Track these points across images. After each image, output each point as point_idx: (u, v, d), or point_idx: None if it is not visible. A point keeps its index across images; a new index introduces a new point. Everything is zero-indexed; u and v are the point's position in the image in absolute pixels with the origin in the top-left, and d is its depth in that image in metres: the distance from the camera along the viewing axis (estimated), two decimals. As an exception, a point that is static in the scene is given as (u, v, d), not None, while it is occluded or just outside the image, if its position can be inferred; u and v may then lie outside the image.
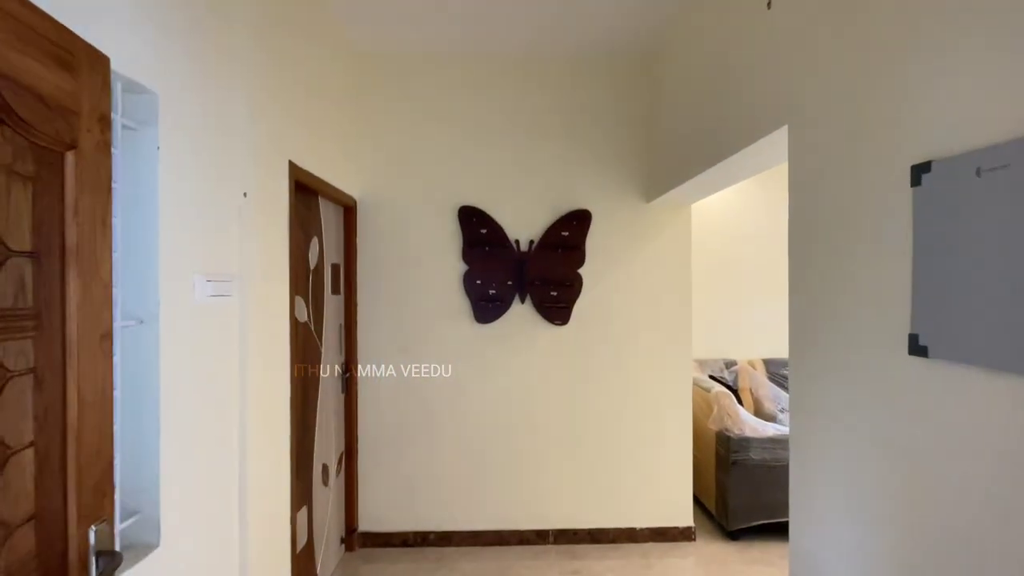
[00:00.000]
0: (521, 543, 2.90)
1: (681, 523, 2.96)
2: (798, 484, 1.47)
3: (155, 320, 1.27)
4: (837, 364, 1.28)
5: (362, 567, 2.71)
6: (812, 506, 1.40)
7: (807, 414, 1.41)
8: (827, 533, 1.34)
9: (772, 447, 2.90)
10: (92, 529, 0.88)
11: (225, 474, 1.58)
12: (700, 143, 2.20)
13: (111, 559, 0.89)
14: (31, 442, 0.78)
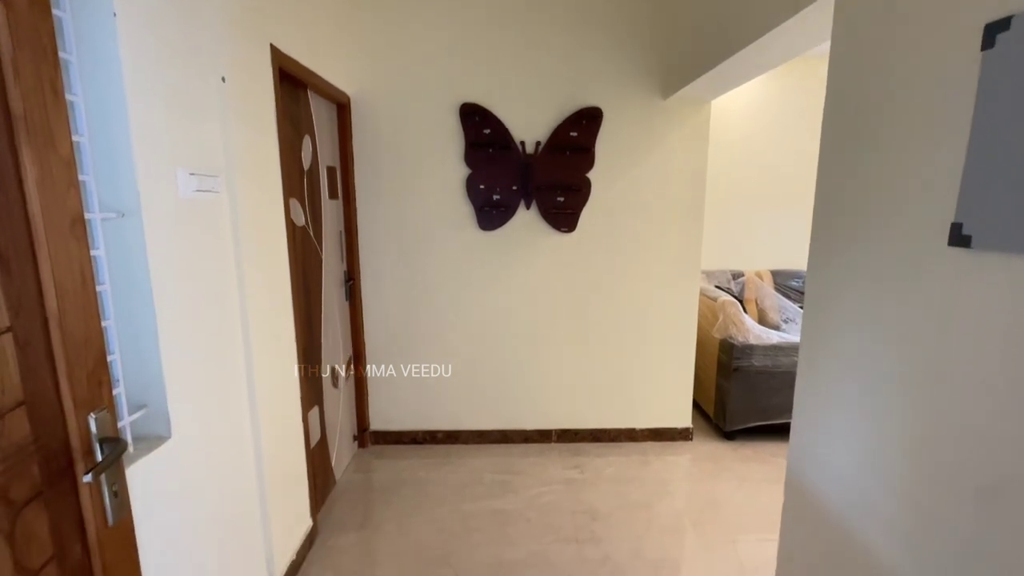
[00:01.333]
0: (525, 441, 3.04)
1: (680, 424, 3.07)
2: (805, 381, 1.46)
3: (137, 213, 1.19)
4: (864, 258, 1.20)
5: (374, 462, 2.86)
6: (817, 402, 1.40)
7: (823, 310, 1.35)
8: (831, 426, 1.34)
9: (774, 354, 2.93)
10: (92, 417, 0.87)
11: (231, 371, 1.59)
12: (726, 26, 1.97)
13: (116, 445, 0.88)
14: (8, 327, 0.74)
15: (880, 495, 1.15)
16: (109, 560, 0.89)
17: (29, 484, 0.77)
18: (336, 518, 2.35)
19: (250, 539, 1.70)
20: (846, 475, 1.27)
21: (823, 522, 1.36)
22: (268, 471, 1.76)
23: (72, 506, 0.84)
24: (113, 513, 0.90)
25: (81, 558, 0.85)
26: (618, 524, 2.30)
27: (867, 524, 1.20)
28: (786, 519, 1.57)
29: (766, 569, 1.88)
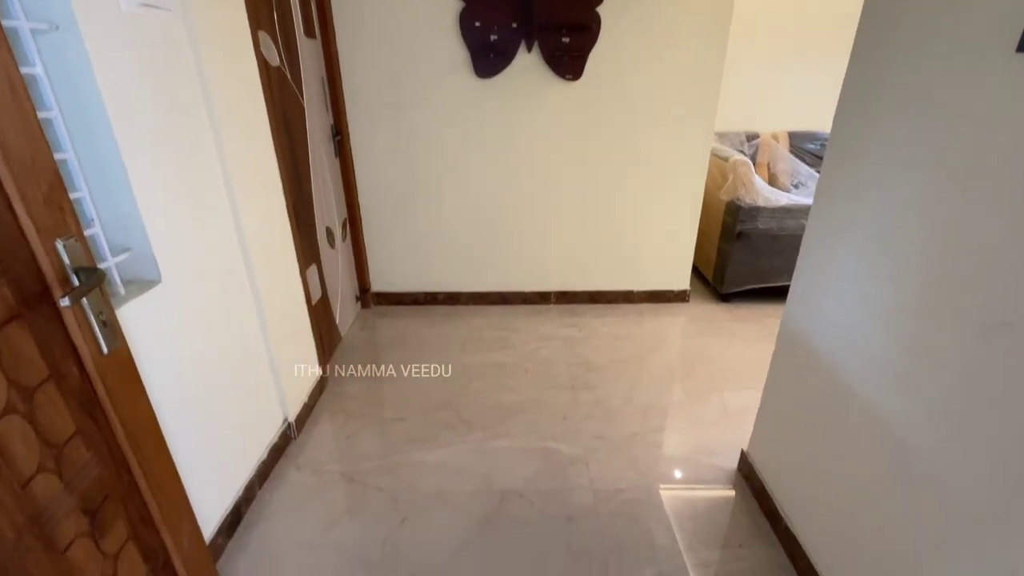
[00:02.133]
0: (524, 303, 3.10)
1: (677, 287, 3.10)
2: (819, 218, 1.39)
3: (72, 25, 1.03)
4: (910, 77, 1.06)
5: (377, 320, 2.95)
6: (827, 240, 1.35)
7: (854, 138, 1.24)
8: (837, 265, 1.31)
9: (781, 216, 2.84)
10: (60, 244, 0.82)
11: (216, 217, 1.52)
12: None
13: (92, 274, 0.84)
14: (-70, 132, 0.65)
15: (875, 334, 1.15)
16: (112, 386, 0.91)
17: (4, 305, 0.74)
18: (344, 369, 2.47)
19: (261, 382, 1.78)
20: (842, 314, 1.27)
21: (812, 360, 1.39)
22: (271, 321, 1.79)
23: (58, 331, 0.82)
24: (106, 341, 0.90)
25: (80, 382, 0.86)
26: (611, 374, 2.42)
27: (856, 362, 1.22)
28: (775, 362, 1.62)
29: (748, 412, 2.00)
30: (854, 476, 1.24)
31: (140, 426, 0.97)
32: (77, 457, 0.84)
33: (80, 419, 0.86)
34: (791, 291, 1.51)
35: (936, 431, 0.99)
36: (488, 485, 1.77)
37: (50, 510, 0.78)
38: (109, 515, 0.90)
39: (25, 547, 0.73)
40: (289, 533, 1.59)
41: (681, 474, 1.84)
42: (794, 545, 1.47)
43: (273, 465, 1.84)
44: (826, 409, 1.35)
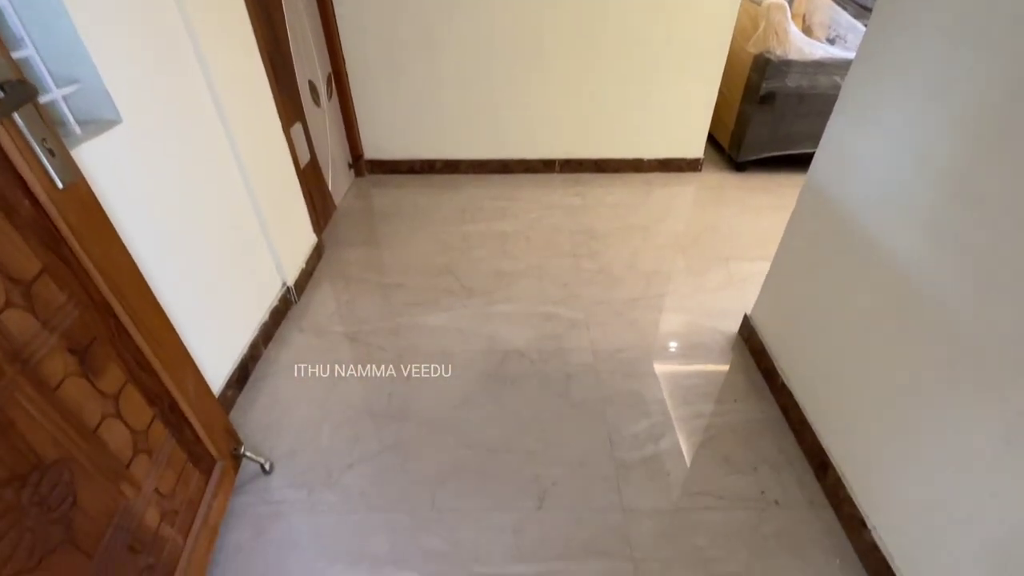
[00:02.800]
0: (527, 172, 2.93)
1: (690, 155, 2.91)
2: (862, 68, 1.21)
3: None
4: None
5: (373, 190, 2.81)
6: (868, 92, 1.19)
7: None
8: (873, 124, 1.16)
9: (813, 72, 2.56)
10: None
11: (177, 53, 1.33)
12: None
13: (21, 87, 0.71)
14: None
15: (916, 180, 1.04)
16: (75, 224, 0.83)
17: (-85, 117, 0.63)
18: (340, 236, 2.40)
19: (253, 244, 1.72)
20: (879, 159, 1.15)
21: (835, 213, 1.30)
22: (255, 179, 1.67)
23: None
24: (58, 174, 0.80)
25: (36, 217, 0.78)
26: (615, 242, 2.36)
27: (887, 211, 1.13)
28: (795, 217, 1.53)
29: (753, 280, 1.96)
30: (862, 332, 1.21)
31: (116, 267, 0.90)
32: (50, 296, 0.79)
33: (45, 257, 0.79)
34: (824, 137, 1.36)
35: (965, 281, 0.93)
36: (490, 345, 1.79)
37: (30, 347, 0.75)
38: (99, 357, 0.88)
39: (10, 381, 0.71)
40: (297, 387, 1.63)
41: (681, 337, 1.85)
42: (788, 399, 1.51)
43: (276, 327, 1.84)
44: (842, 264, 1.29)
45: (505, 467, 1.40)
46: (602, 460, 1.41)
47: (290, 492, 1.34)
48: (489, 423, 1.52)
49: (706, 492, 1.34)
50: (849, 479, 1.25)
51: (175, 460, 1.08)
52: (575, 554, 1.21)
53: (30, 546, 0.71)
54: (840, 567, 1.19)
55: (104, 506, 0.87)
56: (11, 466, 0.70)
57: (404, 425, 1.51)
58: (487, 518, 1.28)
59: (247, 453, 1.33)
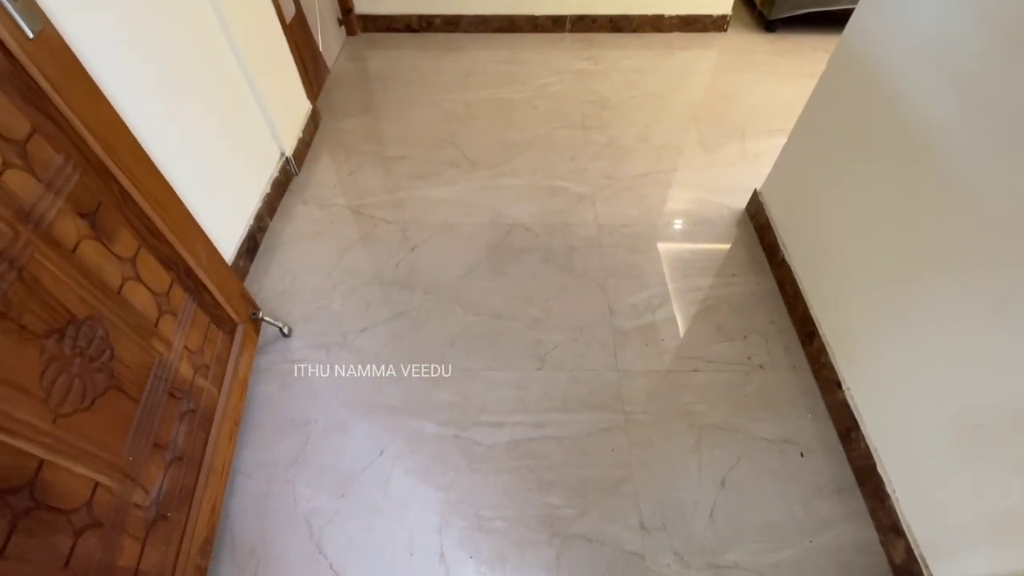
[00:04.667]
0: (535, 30, 2.67)
1: (716, 11, 2.62)
2: None
3: None
4: None
5: (367, 51, 2.59)
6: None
7: None
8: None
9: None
10: None
11: None
12: None
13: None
14: None
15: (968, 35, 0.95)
16: (53, 77, 0.78)
17: None
18: (336, 104, 2.27)
19: (245, 108, 1.63)
20: (927, 17, 1.03)
21: (869, 75, 1.20)
22: (236, 33, 1.53)
23: (-49, -5, 0.65)
24: (25, 21, 0.73)
25: (12, 70, 0.73)
26: (627, 112, 2.23)
27: (928, 75, 1.04)
28: (824, 80, 1.42)
29: (768, 155, 1.88)
30: (868, 207, 1.20)
31: (105, 126, 0.87)
32: (46, 157, 0.78)
33: (32, 115, 0.76)
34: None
35: (986, 148, 0.89)
36: (494, 218, 1.79)
37: (38, 208, 0.75)
38: (109, 221, 0.89)
39: (27, 241, 0.73)
40: (305, 257, 1.67)
41: (687, 213, 1.83)
42: (786, 272, 1.54)
43: (279, 200, 1.83)
44: (863, 135, 1.23)
45: (509, 332, 1.48)
46: (601, 327, 1.49)
47: (309, 352, 1.44)
48: (494, 292, 1.58)
49: (696, 357, 1.43)
50: (832, 346, 1.33)
51: (199, 321, 1.15)
52: (571, 407, 1.33)
53: (81, 390, 0.79)
54: (811, 421, 1.31)
55: (140, 359, 0.94)
56: (46, 320, 0.74)
57: (413, 293, 1.57)
58: (493, 376, 1.39)
59: (265, 317, 1.41)
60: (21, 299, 0.70)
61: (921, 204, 1.05)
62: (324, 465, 1.24)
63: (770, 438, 1.28)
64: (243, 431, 1.28)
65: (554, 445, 1.27)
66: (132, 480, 0.89)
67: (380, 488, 1.20)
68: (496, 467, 1.23)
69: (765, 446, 1.27)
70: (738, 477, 1.22)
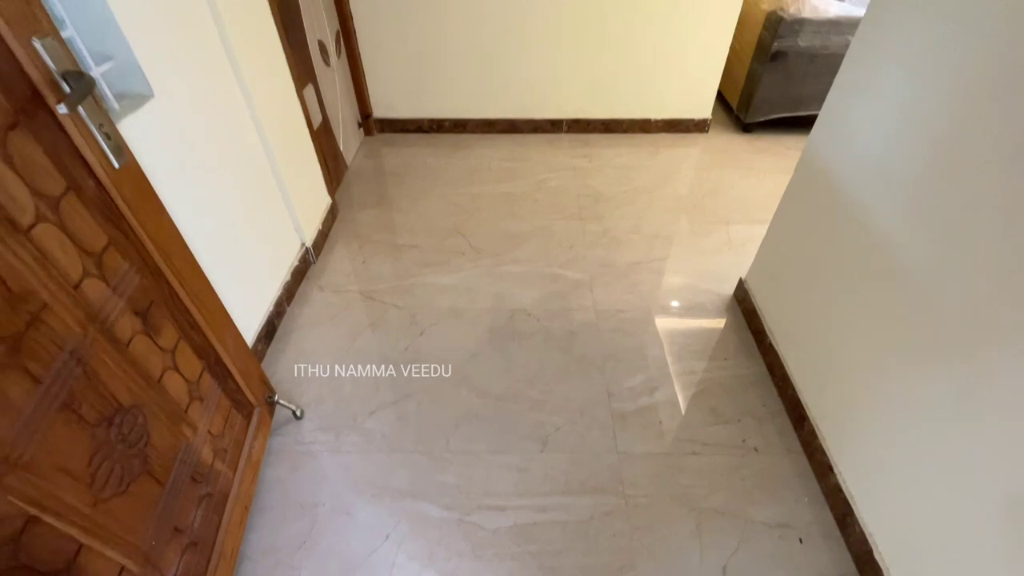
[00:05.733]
0: (535, 132, 2.95)
1: (697, 115, 2.91)
2: (862, 41, 1.25)
3: None
4: None
5: (383, 149, 2.86)
6: (867, 66, 1.23)
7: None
8: (871, 99, 1.21)
9: (826, 31, 2.53)
10: (36, 42, 0.75)
11: (199, 26, 1.38)
12: None
13: (80, 79, 0.79)
14: None
15: (903, 157, 1.11)
16: (129, 198, 0.92)
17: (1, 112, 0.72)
18: (353, 197, 2.48)
19: (274, 206, 1.81)
20: (872, 133, 1.21)
21: (829, 182, 1.37)
22: (273, 143, 1.74)
23: (63, 141, 0.81)
24: (114, 155, 0.89)
25: (99, 194, 0.88)
26: (620, 205, 2.42)
27: (877, 188, 1.20)
28: (791, 188, 1.60)
29: (752, 243, 2.04)
30: (841, 298, 1.31)
31: (165, 237, 1.01)
32: (115, 265, 0.90)
33: (109, 230, 0.89)
34: (823, 108, 1.41)
35: (943, 255, 1.02)
36: (498, 304, 1.91)
37: (104, 310, 0.87)
38: (157, 317, 1.00)
39: (92, 339, 0.83)
40: (320, 341, 1.77)
41: (679, 298, 1.96)
42: (774, 357, 1.63)
43: (297, 286, 1.96)
44: (829, 233, 1.37)
45: (512, 415, 1.54)
46: (600, 409, 1.56)
47: (319, 435, 1.49)
48: (497, 375, 1.66)
49: (693, 439, 1.49)
50: (822, 430, 1.39)
51: (222, 406, 1.23)
52: (573, 490, 1.37)
53: (120, 475, 0.86)
54: (808, 505, 1.34)
55: (170, 444, 1.01)
56: (100, 409, 0.83)
57: (420, 376, 1.65)
58: (496, 459, 1.44)
59: (280, 400, 1.48)
60: (83, 391, 0.80)
61: (880, 299, 1.17)
62: (330, 551, 1.25)
63: (769, 523, 1.31)
64: (251, 514, 1.31)
65: (557, 530, 1.29)
66: (152, 565, 0.92)
67: (385, 575, 1.21)
68: (499, 553, 1.25)
69: (764, 531, 1.29)
70: (739, 564, 1.23)
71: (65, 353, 0.78)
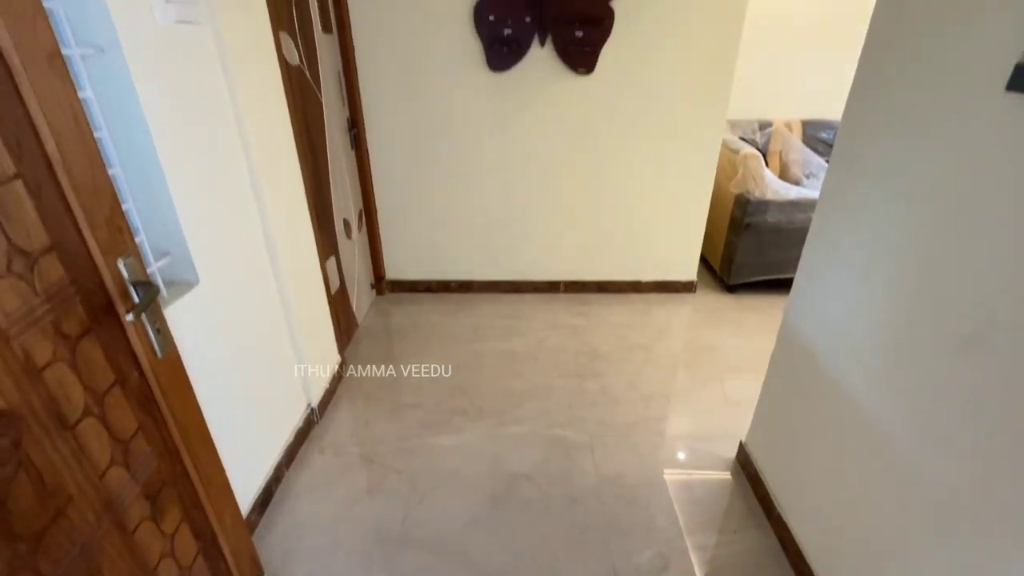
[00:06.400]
0: (535, 292, 3.18)
1: (684, 277, 3.16)
2: (817, 231, 1.46)
3: (116, 47, 1.10)
4: (907, 99, 1.10)
5: (392, 308, 3.05)
6: (825, 252, 1.41)
7: (851, 157, 1.29)
8: (832, 275, 1.38)
9: (789, 210, 2.88)
10: (121, 263, 0.91)
11: (245, 217, 1.61)
12: None
13: (149, 288, 0.94)
14: (15, 173, 0.73)
15: (867, 341, 1.23)
16: (165, 385, 1.01)
17: (77, 321, 0.84)
18: (361, 356, 2.59)
19: (286, 371, 1.90)
20: (838, 310, 1.34)
21: (808, 355, 1.47)
22: (295, 313, 1.89)
23: (122, 341, 0.92)
24: (160, 347, 1.00)
25: (140, 384, 0.97)
26: (617, 363, 2.52)
27: (850, 365, 1.30)
28: (775, 358, 1.70)
29: (748, 400, 2.09)
30: (840, 469, 1.33)
31: (190, 421, 1.07)
32: (139, 451, 0.95)
33: (141, 417, 0.96)
34: (794, 284, 1.57)
35: (915, 430, 1.07)
36: (498, 468, 1.89)
37: (121, 497, 0.90)
38: (166, 501, 1.02)
39: (104, 530, 0.85)
40: (314, 511, 1.72)
41: (681, 463, 1.94)
42: (784, 531, 1.58)
43: (298, 448, 1.97)
44: (818, 404, 1.43)
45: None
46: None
47: (305, 624, 1.38)
48: (496, 549, 1.58)
49: (709, 632, 1.37)
50: (846, 621, 1.29)
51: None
52: None
53: None
54: None
55: (152, 644, 0.96)
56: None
57: (416, 550, 1.58)
58: (495, 657, 1.31)
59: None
60: (83, 589, 0.79)
61: (874, 473, 1.19)
62: None
63: None
64: None
65: None
66: None
67: None
68: None
69: None
70: None
71: (76, 548, 0.79)
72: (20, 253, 0.74)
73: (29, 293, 0.75)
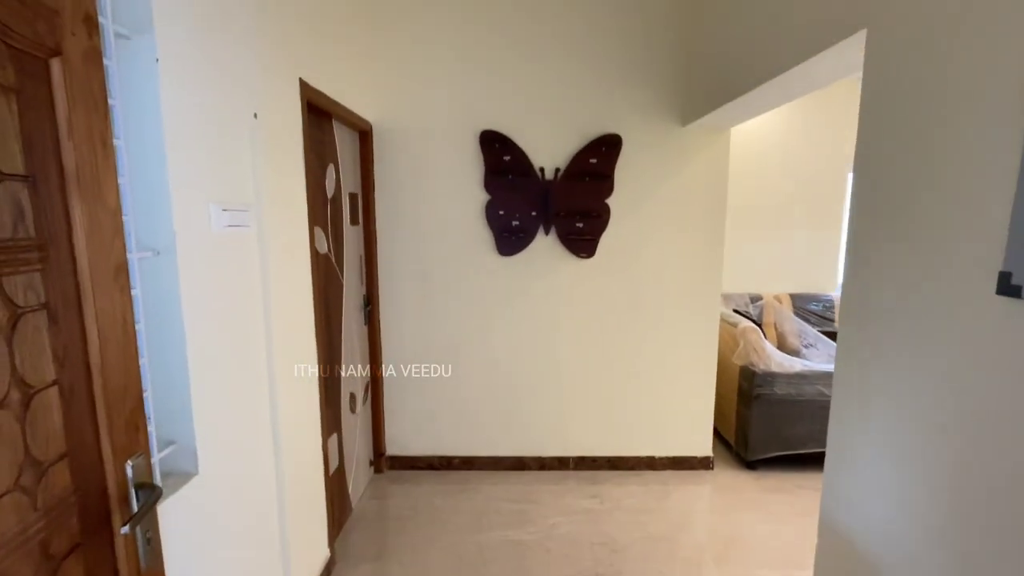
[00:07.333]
0: (542, 468, 3.00)
1: (700, 453, 3.01)
2: (839, 426, 1.42)
3: (172, 251, 1.21)
4: (903, 303, 1.18)
5: (390, 487, 2.84)
6: (851, 446, 1.36)
7: (860, 353, 1.33)
8: (865, 470, 1.31)
9: (797, 382, 2.87)
10: (129, 464, 0.87)
11: (256, 405, 1.59)
12: (751, 58, 1.97)
13: (151, 492, 0.88)
14: (54, 380, 0.74)
15: (921, 544, 1.11)
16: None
17: (68, 537, 0.77)
18: (352, 547, 2.32)
19: (270, 566, 1.68)
20: (882, 521, 1.23)
21: (852, 552, 1.31)
22: (289, 503, 1.75)
23: (108, 557, 0.83)
24: (145, 560, 0.90)
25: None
26: (638, 557, 2.25)
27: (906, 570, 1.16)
28: (820, 563, 1.52)
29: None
30: None
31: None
32: None
33: (105, 655, 0.82)
34: (824, 483, 1.48)
35: (1016, 676, 0.90)
36: None
37: None
38: None
39: None
40: None
41: None
42: None
43: (269, 676, 1.64)
44: (886, 628, 1.24)
45: None
46: None
47: None
48: None
49: None
50: None
51: None
52: None
53: None
54: None
55: None
56: None
57: None
58: None
59: None
60: None
61: None
62: None
63: None
64: None
65: None
66: None
67: None
68: None
69: None
70: None
71: None
72: (33, 464, 0.71)
73: (28, 509, 0.70)
